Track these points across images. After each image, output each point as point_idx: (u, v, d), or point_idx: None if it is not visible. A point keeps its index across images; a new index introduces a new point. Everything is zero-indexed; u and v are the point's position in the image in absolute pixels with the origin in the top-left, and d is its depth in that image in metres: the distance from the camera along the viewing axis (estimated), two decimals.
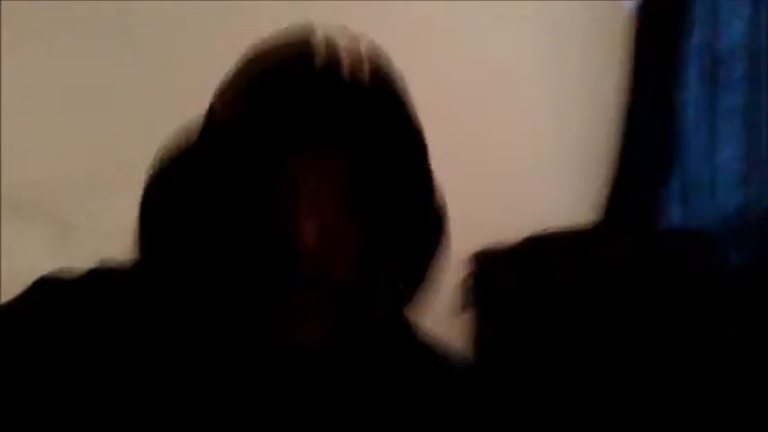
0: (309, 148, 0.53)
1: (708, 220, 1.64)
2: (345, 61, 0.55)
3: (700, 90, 1.64)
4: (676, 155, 1.65)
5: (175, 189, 0.58)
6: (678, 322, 1.33)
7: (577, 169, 1.61)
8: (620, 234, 1.51)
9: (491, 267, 1.35)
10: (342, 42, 0.56)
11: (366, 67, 0.56)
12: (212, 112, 0.58)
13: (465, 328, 1.37)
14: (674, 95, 1.62)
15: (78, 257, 0.99)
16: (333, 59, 0.55)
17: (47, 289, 0.60)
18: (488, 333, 1.33)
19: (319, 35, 0.56)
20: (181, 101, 1.07)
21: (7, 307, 0.59)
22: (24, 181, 1.03)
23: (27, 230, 1.00)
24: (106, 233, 1.03)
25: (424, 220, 0.60)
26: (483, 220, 1.38)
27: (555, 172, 1.57)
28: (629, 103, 1.63)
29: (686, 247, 1.46)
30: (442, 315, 0.70)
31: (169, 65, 1.09)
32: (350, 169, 0.55)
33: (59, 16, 1.02)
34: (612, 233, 1.52)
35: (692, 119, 1.65)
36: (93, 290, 0.60)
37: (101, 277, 0.62)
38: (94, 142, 1.09)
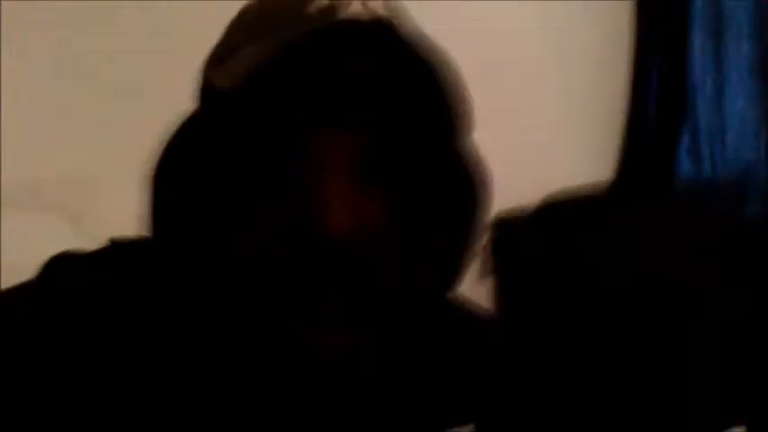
0: (332, 114, 0.49)
1: (720, 171, 1.65)
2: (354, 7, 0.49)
3: (705, 40, 1.63)
4: (687, 107, 1.64)
5: (188, 166, 0.54)
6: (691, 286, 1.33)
7: (590, 127, 1.61)
8: (635, 194, 1.50)
9: (511, 233, 1.33)
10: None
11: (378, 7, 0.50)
12: (216, 77, 0.52)
13: (486, 295, 1.37)
14: (683, 47, 1.61)
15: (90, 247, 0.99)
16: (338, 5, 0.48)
17: (63, 266, 0.57)
18: (510, 300, 1.32)
19: None
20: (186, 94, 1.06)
21: (24, 286, 0.56)
22: (30, 175, 1.01)
23: (33, 224, 0.98)
24: (114, 225, 1.02)
25: (461, 194, 0.56)
26: (501, 188, 1.36)
27: (567, 131, 1.56)
28: (638, 58, 1.62)
29: (701, 204, 1.45)
30: (463, 283, 0.67)
31: (178, 58, 1.06)
32: (376, 147, 0.51)
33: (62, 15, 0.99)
34: (628, 194, 1.51)
35: (700, 70, 1.64)
36: (110, 267, 0.57)
37: (118, 254, 0.58)
38: (98, 135, 1.06)
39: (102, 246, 0.61)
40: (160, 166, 0.53)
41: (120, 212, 1.00)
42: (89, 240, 1.04)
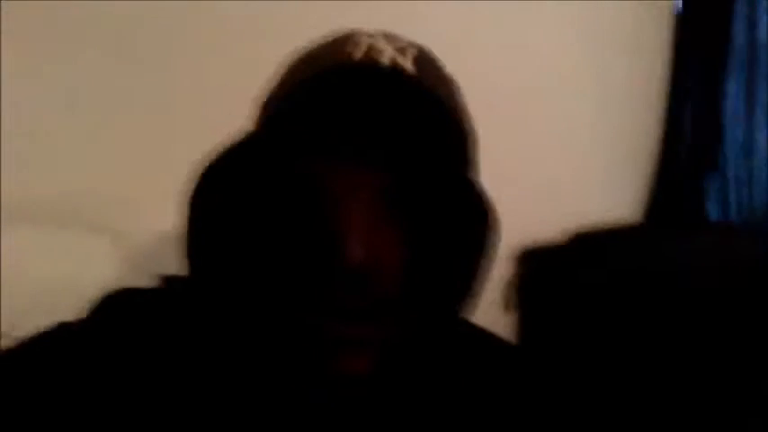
0: (352, 149, 0.51)
1: (745, 216, 1.65)
2: (387, 54, 0.52)
3: (739, 86, 1.64)
4: (718, 151, 1.65)
5: (220, 196, 0.56)
6: (726, 317, 1.32)
7: (621, 167, 1.61)
8: (665, 230, 1.50)
9: (538, 266, 1.33)
10: (383, 42, 0.53)
11: (410, 58, 0.52)
12: (259, 118, 0.56)
13: (510, 328, 1.36)
14: (716, 92, 1.62)
15: (129, 267, 0.99)
16: (373, 53, 0.51)
17: (118, 304, 0.59)
18: (534, 333, 1.32)
19: (361, 36, 0.54)
20: (199, 110, 1.07)
21: (81, 322, 0.58)
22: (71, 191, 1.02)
23: (74, 242, 0.99)
24: (156, 243, 1.03)
25: (472, 227, 0.56)
26: (528, 220, 1.37)
27: (599, 170, 1.56)
28: (672, 99, 1.64)
29: (731, 243, 1.45)
30: (487, 315, 0.67)
31: (186, 75, 1.08)
32: (395, 181, 0.52)
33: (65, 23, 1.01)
34: (658, 230, 1.52)
35: (731, 114, 1.65)
36: (163, 307, 0.58)
37: (170, 292, 0.60)
38: (111, 152, 1.07)
39: (155, 283, 0.63)
40: (196, 193, 0.56)
41: (158, 232, 1.03)
42: (127, 260, 1.05)
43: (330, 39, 0.56)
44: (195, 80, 1.08)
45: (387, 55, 0.51)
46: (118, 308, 0.59)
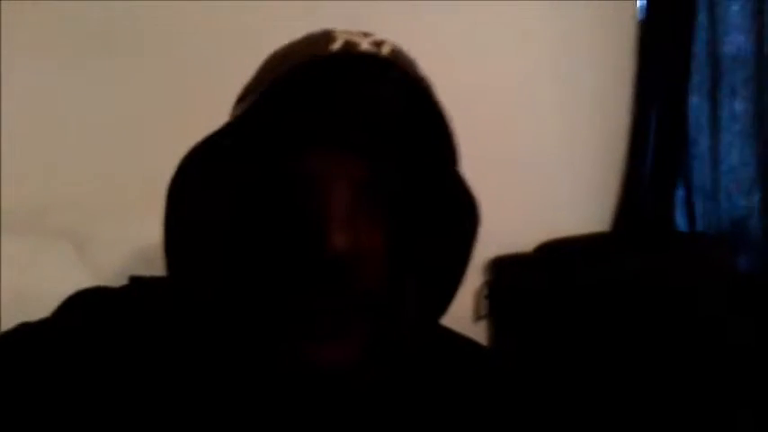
0: (333, 137, 0.50)
1: (711, 226, 1.68)
2: (364, 46, 0.51)
3: (702, 97, 1.67)
4: (682, 163, 1.67)
5: (200, 185, 0.54)
6: (691, 324, 1.34)
7: (589, 177, 1.62)
8: (633, 240, 1.52)
9: (509, 274, 1.34)
10: (360, 37, 0.52)
11: (387, 50, 0.52)
12: (238, 110, 0.54)
13: (480, 336, 1.36)
14: (682, 103, 1.65)
15: (95, 273, 0.97)
16: (350, 46, 0.51)
17: (83, 304, 0.58)
18: (506, 341, 1.32)
19: (337, 32, 0.53)
20: (194, 112, 1.06)
21: (46, 322, 0.57)
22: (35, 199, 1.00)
23: (43, 248, 0.98)
24: (122, 249, 1.01)
25: (454, 217, 0.56)
26: (498, 230, 1.37)
27: (566, 180, 1.57)
28: (638, 109, 1.66)
29: (699, 252, 1.47)
30: (458, 323, 0.67)
31: (184, 77, 1.07)
32: (376, 170, 0.52)
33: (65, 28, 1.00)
34: (626, 239, 1.53)
35: (695, 128, 1.68)
36: (130, 305, 0.57)
37: (138, 292, 0.59)
38: (108, 159, 1.06)
39: (126, 283, 0.62)
40: (174, 186, 0.54)
41: (124, 239, 1.01)
42: (93, 266, 1.03)
43: (306, 36, 0.55)
44: (174, 86, 1.07)
45: (363, 47, 0.51)
46: (82, 307, 0.57)
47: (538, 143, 1.51)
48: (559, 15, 1.53)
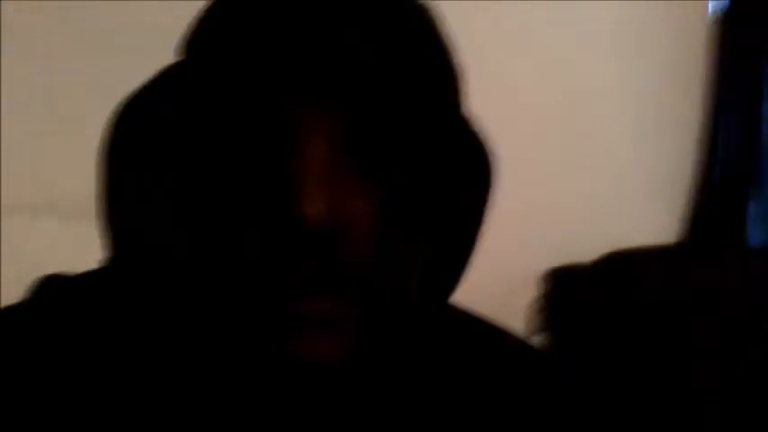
0: (303, 80, 0.40)
1: None
2: None
3: None
4: (757, 171, 1.59)
5: (142, 142, 0.46)
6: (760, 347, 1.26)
7: (660, 188, 1.56)
8: (701, 254, 1.44)
9: (568, 285, 1.28)
10: None
11: None
12: (189, 45, 0.46)
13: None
14: (758, 111, 1.56)
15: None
16: None
17: (55, 286, 0.52)
18: (565, 355, 1.26)
19: None
20: None
21: (14, 307, 0.51)
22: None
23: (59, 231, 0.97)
24: None
25: (460, 176, 0.47)
26: (554, 237, 1.33)
27: (636, 191, 1.51)
28: (712, 118, 1.57)
29: None
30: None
31: None
32: (362, 119, 0.42)
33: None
34: (697, 251, 1.46)
35: None
36: (96, 291, 0.50)
37: (104, 277, 0.52)
38: None
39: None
40: (112, 143, 0.47)
41: None
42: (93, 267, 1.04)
43: None
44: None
45: None
46: (53, 290, 0.51)
47: (603, 148, 1.46)
48: (628, 16, 1.47)
